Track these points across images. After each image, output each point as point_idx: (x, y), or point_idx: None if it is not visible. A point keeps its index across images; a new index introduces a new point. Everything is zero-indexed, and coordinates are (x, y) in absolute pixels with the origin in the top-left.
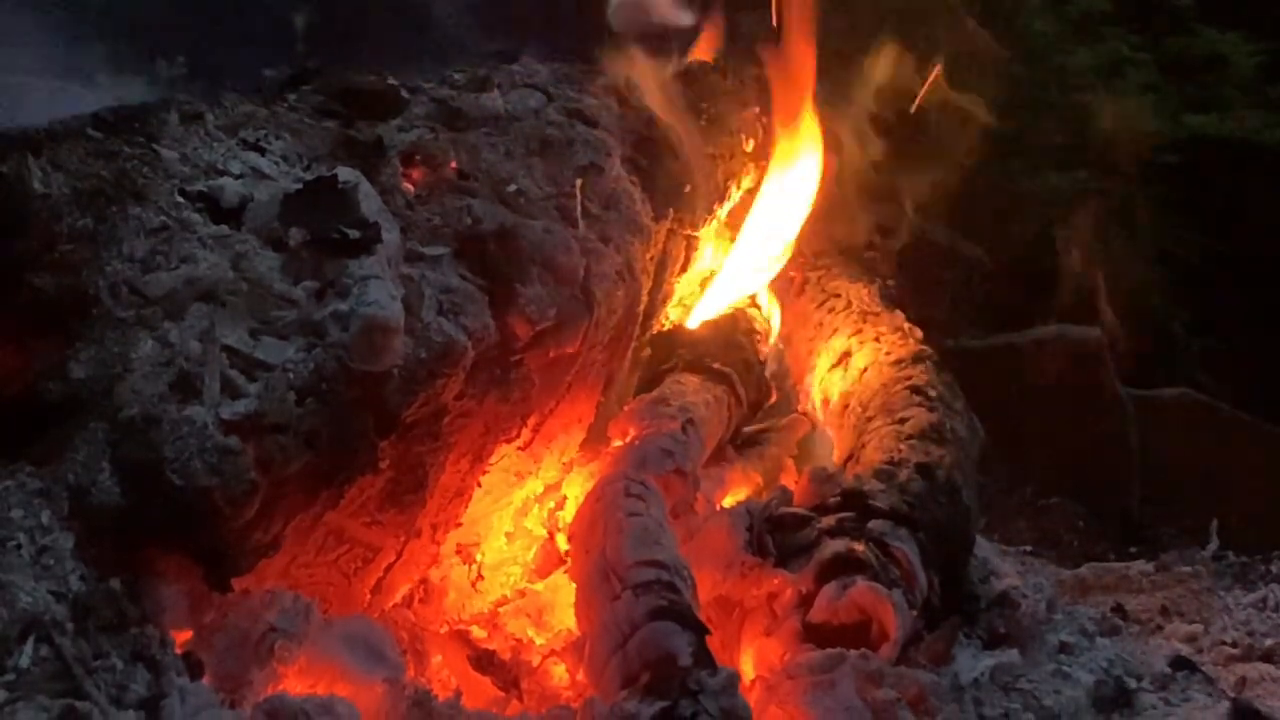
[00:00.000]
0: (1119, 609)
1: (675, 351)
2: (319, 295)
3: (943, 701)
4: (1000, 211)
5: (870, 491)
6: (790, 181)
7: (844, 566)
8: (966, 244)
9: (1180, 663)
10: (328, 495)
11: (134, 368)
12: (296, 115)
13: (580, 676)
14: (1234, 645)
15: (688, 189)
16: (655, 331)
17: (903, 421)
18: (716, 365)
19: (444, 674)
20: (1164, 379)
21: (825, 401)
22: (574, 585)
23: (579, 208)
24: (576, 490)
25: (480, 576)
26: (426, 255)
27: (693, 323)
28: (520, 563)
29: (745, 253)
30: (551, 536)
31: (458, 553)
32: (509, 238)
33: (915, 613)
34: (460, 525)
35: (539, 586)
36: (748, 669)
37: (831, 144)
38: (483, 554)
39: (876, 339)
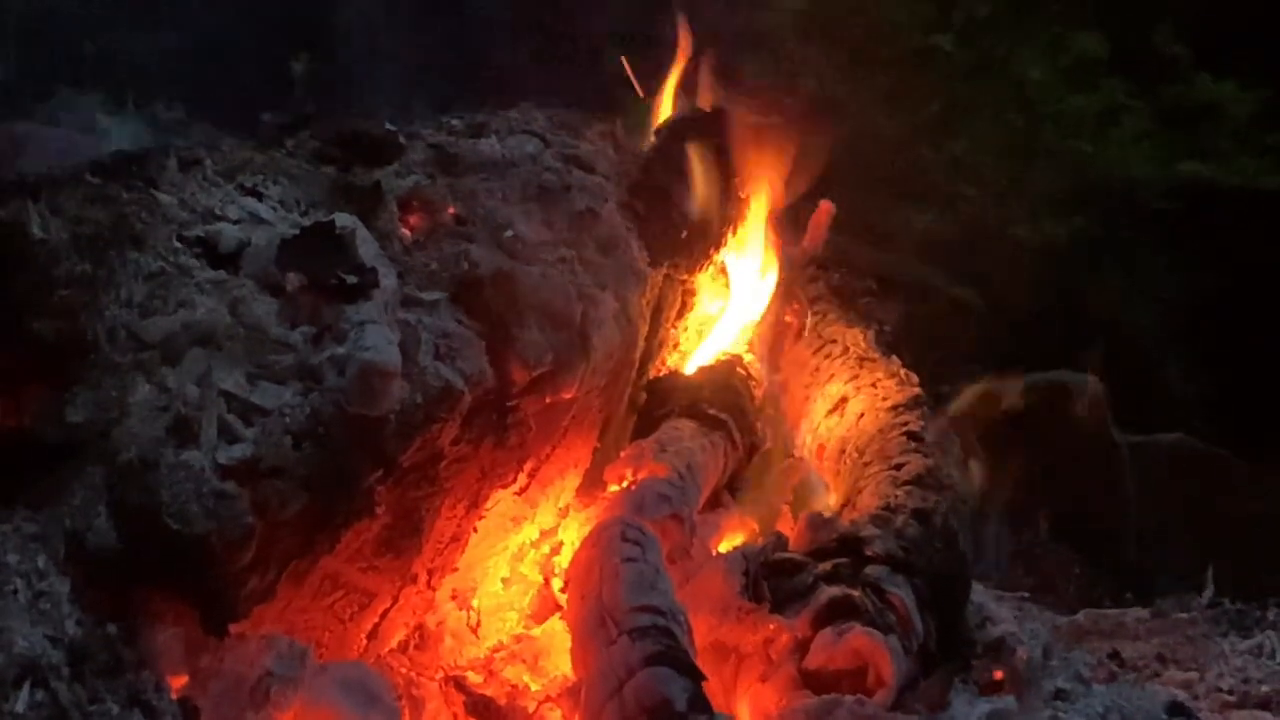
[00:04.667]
0: (1115, 655)
1: (671, 397)
2: (316, 340)
3: None
4: (997, 257)
5: (866, 537)
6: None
7: (840, 612)
8: (963, 290)
9: (1176, 709)
10: (324, 540)
11: (131, 412)
12: (294, 160)
13: None
14: (1230, 692)
15: (684, 234)
16: (651, 377)
17: (899, 467)
18: (712, 411)
19: None
20: (1160, 424)
21: (821, 447)
22: (570, 631)
23: (576, 254)
24: (573, 535)
25: (476, 622)
26: (423, 300)
27: (689, 368)
28: (516, 608)
29: (739, 301)
30: (547, 582)
31: (453, 598)
32: (506, 283)
33: (911, 658)
34: (456, 571)
35: (535, 632)
36: (744, 715)
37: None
38: (479, 600)
39: (873, 385)
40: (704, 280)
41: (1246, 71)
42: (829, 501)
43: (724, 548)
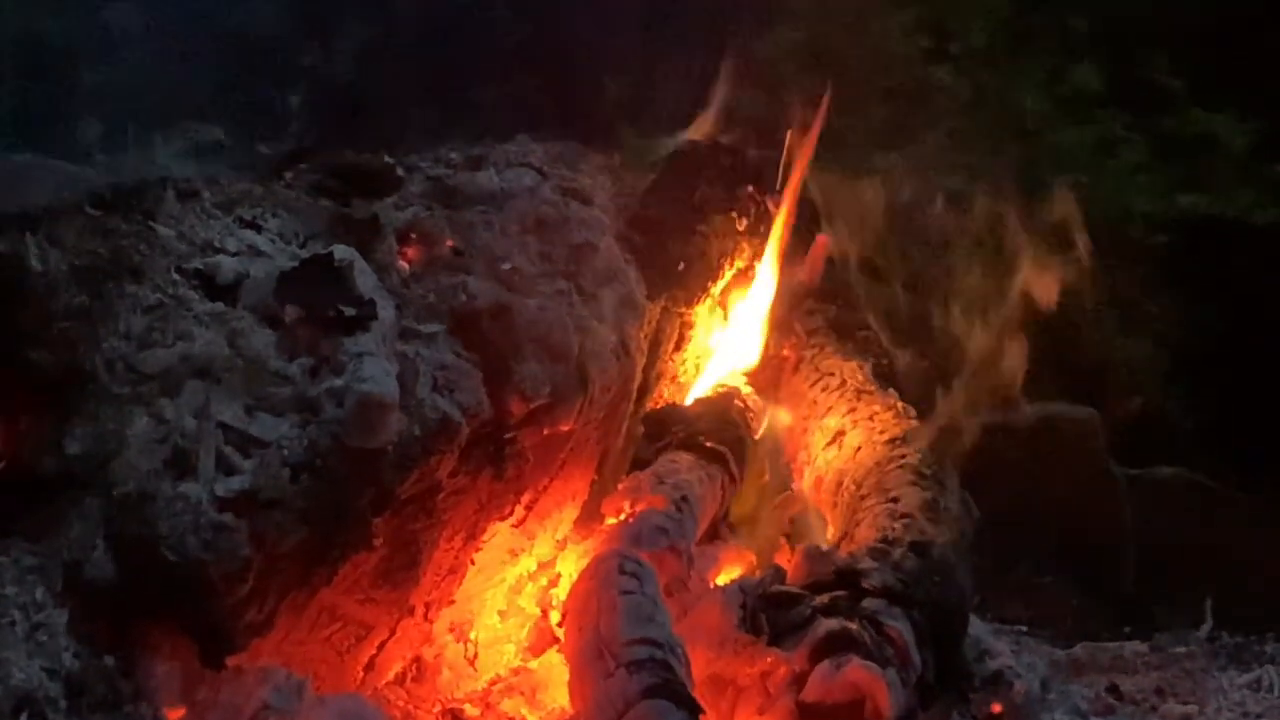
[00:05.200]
0: (1113, 689)
1: (669, 429)
2: (314, 372)
3: None
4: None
5: (864, 570)
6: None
7: (838, 645)
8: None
9: None
10: (321, 572)
11: (129, 444)
12: (293, 193)
13: None
14: None
15: (681, 267)
16: (649, 409)
17: (896, 500)
18: (710, 443)
19: None
20: (1158, 458)
21: (819, 480)
22: (568, 663)
23: (574, 286)
24: (570, 568)
25: (474, 655)
26: (422, 332)
27: (687, 401)
28: (514, 641)
29: (738, 332)
30: (545, 614)
31: (451, 630)
32: (503, 315)
33: (909, 691)
34: (453, 603)
35: (533, 664)
36: None
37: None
38: (476, 632)
39: (870, 418)
40: (702, 313)
41: (1243, 103)
42: (827, 534)
43: (722, 580)
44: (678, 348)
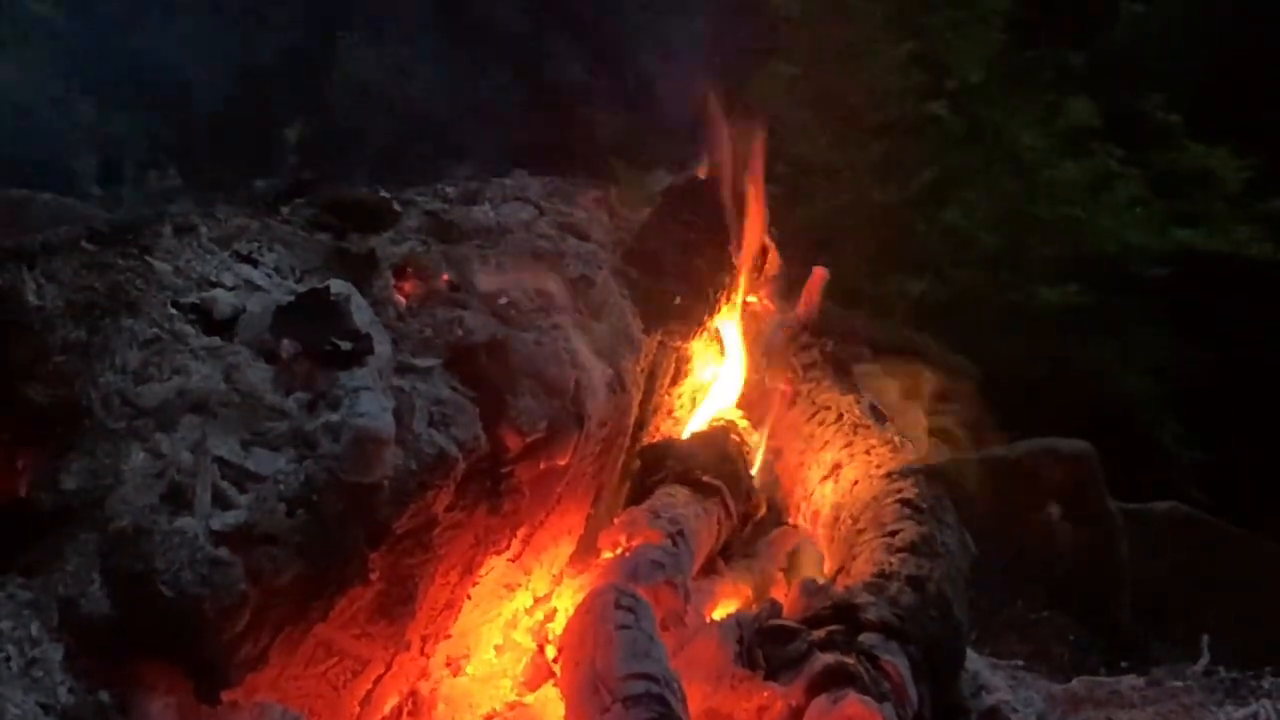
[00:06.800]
0: None
1: (665, 463)
2: (310, 407)
3: None
4: (990, 324)
5: (861, 604)
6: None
7: (835, 679)
8: (956, 357)
9: None
10: (317, 607)
11: (125, 479)
12: (289, 228)
13: None
14: None
15: (677, 301)
16: (645, 443)
17: (893, 534)
18: (706, 478)
19: None
20: (1154, 492)
21: (816, 514)
22: (564, 698)
23: (570, 321)
24: (566, 602)
25: (470, 689)
26: (418, 367)
27: (683, 435)
28: (510, 675)
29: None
30: (541, 649)
31: (447, 665)
32: (500, 350)
33: None
34: (449, 637)
35: (529, 699)
36: None
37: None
38: (472, 667)
39: (867, 451)
40: (698, 347)
41: (1240, 139)
42: (823, 568)
43: (718, 615)
44: (674, 382)
